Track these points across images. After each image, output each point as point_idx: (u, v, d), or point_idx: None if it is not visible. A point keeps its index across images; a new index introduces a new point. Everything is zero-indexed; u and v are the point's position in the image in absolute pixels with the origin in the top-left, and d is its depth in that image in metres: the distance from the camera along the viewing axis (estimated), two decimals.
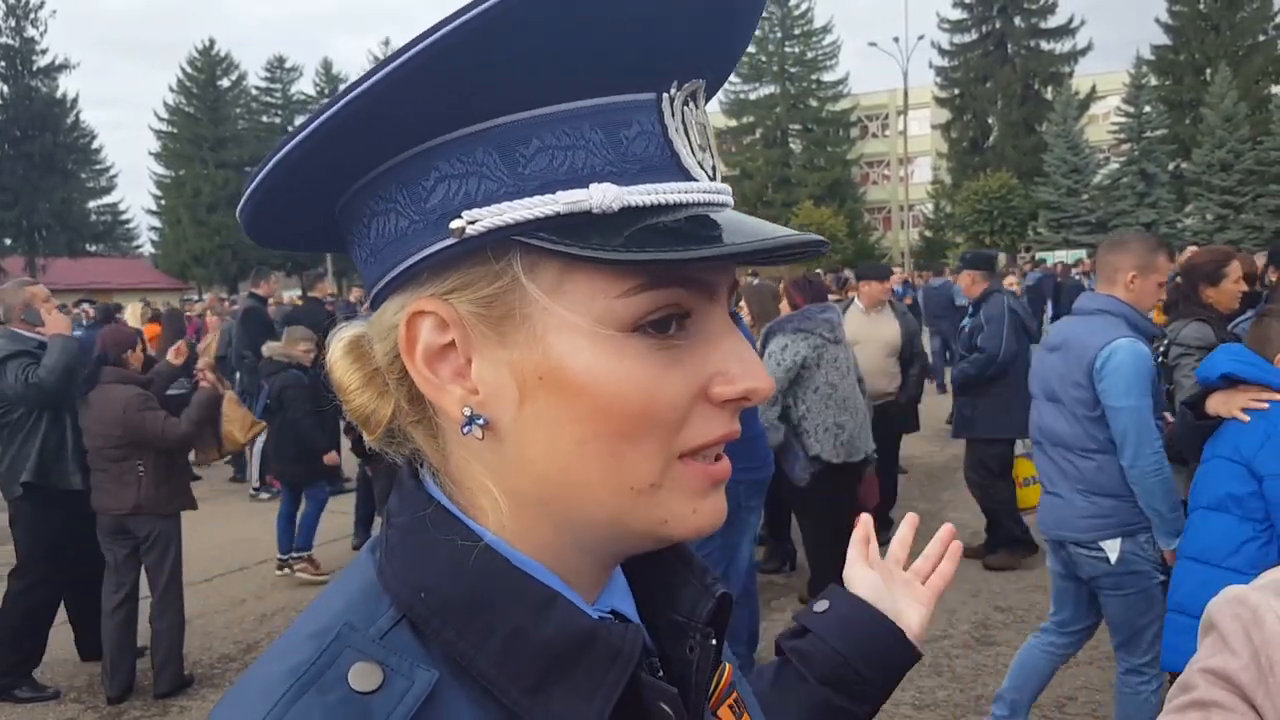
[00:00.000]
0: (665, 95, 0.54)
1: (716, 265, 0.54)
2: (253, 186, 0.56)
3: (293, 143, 0.53)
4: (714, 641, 0.63)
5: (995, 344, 5.74)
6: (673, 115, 0.55)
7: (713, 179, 0.57)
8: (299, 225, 0.62)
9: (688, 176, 0.55)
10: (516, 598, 0.55)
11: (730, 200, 0.58)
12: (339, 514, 7.05)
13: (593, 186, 0.51)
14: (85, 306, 14.61)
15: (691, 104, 0.57)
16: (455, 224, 0.52)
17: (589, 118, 0.53)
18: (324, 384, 0.65)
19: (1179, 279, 4.27)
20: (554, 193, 0.51)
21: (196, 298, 28.30)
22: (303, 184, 0.56)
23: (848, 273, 12.71)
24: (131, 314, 9.91)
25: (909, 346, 6.40)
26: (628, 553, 0.61)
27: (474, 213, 0.52)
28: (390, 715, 0.50)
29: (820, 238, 0.56)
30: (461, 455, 0.58)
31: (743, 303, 6.10)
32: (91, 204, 44.13)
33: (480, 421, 0.55)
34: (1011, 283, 13.43)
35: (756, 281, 6.61)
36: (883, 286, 6.44)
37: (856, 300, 6.51)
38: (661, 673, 0.62)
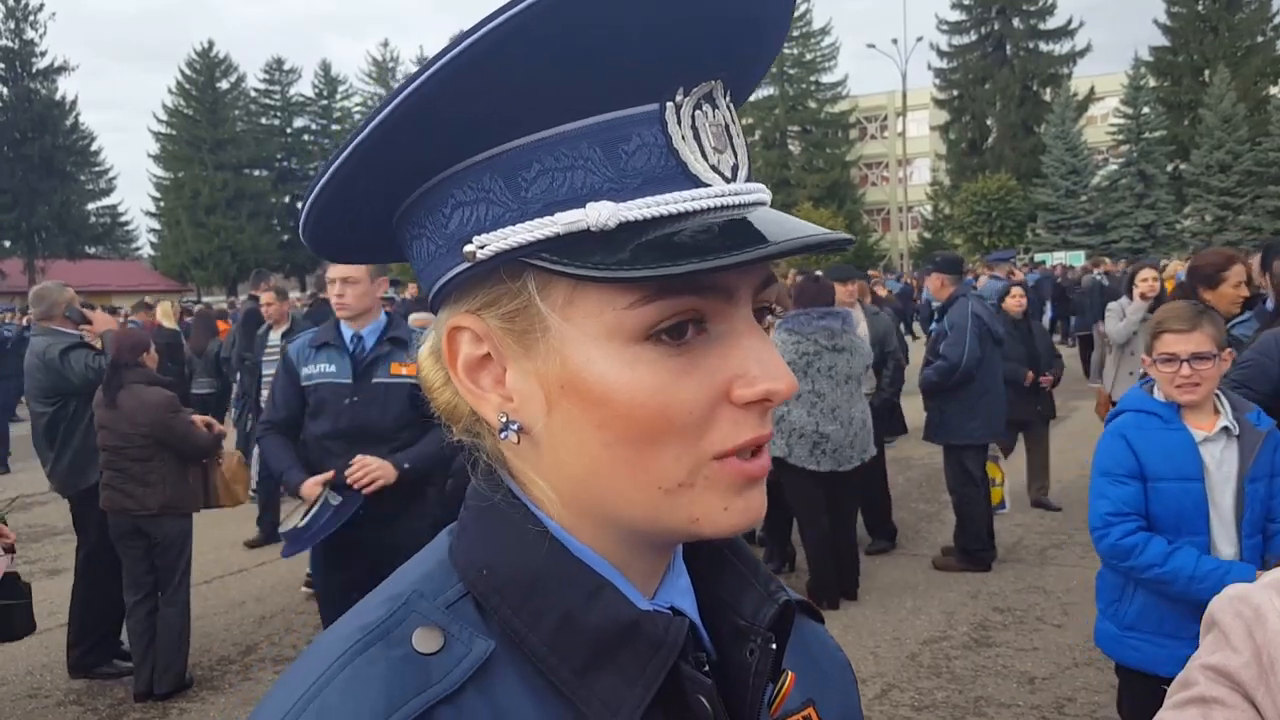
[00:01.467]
0: (670, 104, 0.54)
1: (730, 269, 0.54)
2: (305, 211, 0.61)
3: (320, 184, 0.58)
4: (774, 647, 0.63)
5: (957, 351, 5.68)
6: (679, 123, 0.54)
7: (731, 180, 0.56)
8: (363, 244, 0.67)
9: (697, 183, 0.54)
10: (569, 583, 0.58)
11: (763, 197, 0.58)
12: None
13: (589, 206, 0.52)
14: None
15: (706, 106, 0.56)
16: (467, 249, 0.55)
17: (587, 136, 0.53)
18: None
19: (1184, 279, 4.30)
20: (553, 214, 0.53)
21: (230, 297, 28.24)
22: (353, 208, 0.61)
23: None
24: (163, 312, 9.77)
25: (881, 347, 6.28)
26: (672, 545, 0.63)
27: (483, 237, 0.55)
28: (446, 676, 0.54)
29: (837, 235, 0.55)
30: (511, 454, 0.62)
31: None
32: (90, 206, 44.16)
33: (515, 427, 0.59)
34: (1013, 275, 13.41)
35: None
36: (845, 289, 6.21)
37: None
38: (707, 668, 0.62)
